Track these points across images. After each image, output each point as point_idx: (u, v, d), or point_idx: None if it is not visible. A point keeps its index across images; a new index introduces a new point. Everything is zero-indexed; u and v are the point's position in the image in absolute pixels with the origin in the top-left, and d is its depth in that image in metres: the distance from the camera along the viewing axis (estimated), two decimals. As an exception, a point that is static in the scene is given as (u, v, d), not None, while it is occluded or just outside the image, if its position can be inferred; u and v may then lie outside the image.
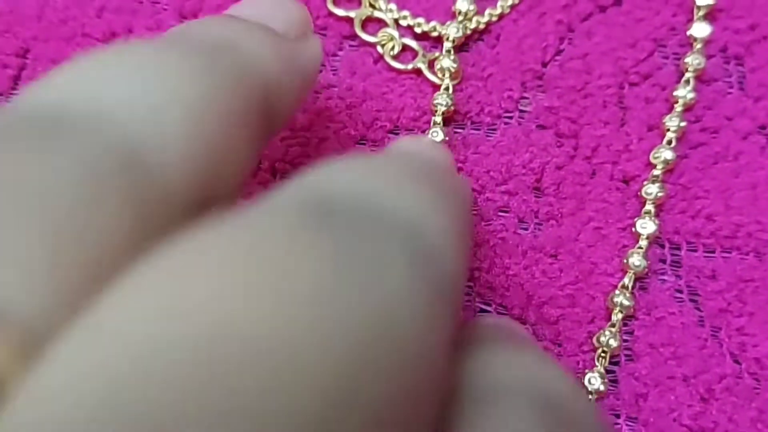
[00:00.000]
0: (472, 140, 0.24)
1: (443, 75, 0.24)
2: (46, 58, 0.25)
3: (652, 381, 0.22)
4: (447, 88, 0.24)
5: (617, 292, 0.22)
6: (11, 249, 0.07)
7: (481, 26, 0.25)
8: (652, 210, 0.23)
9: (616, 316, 0.22)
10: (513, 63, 0.25)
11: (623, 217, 0.23)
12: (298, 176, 0.10)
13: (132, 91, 0.10)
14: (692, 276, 0.23)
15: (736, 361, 0.22)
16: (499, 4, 0.26)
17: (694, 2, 0.26)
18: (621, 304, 0.22)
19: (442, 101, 0.24)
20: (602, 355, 0.22)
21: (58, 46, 0.25)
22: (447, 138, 0.24)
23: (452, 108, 0.24)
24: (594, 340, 0.22)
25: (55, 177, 0.08)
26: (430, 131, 0.24)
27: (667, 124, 0.24)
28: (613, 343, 0.22)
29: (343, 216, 0.09)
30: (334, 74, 0.25)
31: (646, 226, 0.23)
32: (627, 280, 0.22)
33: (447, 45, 0.25)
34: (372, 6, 0.26)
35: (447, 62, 0.24)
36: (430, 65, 0.25)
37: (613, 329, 0.22)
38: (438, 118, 0.24)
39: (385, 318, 0.08)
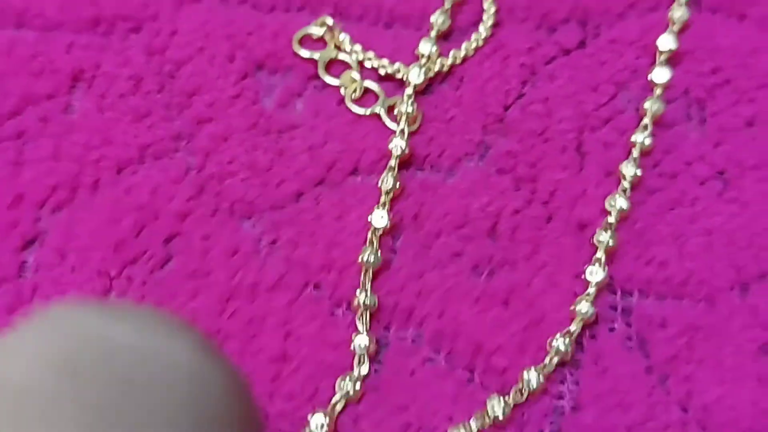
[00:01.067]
0: (431, 183, 0.24)
1: (400, 120, 0.25)
2: (14, 94, 0.25)
3: (597, 431, 0.22)
4: (402, 132, 0.24)
5: (557, 336, 0.22)
6: None
7: (445, 68, 0.26)
8: (603, 258, 0.23)
9: (550, 359, 0.22)
10: (475, 105, 0.25)
11: (577, 263, 0.24)
12: None
13: None
14: (643, 323, 0.23)
15: (683, 409, 0.22)
16: (463, 46, 0.26)
17: (656, 47, 0.26)
18: (556, 349, 0.22)
19: (397, 145, 0.24)
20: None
21: (27, 81, 0.25)
22: (399, 183, 0.24)
23: (407, 152, 0.24)
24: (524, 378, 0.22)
25: None
26: (382, 177, 0.24)
27: (622, 171, 0.24)
28: (534, 384, 0.22)
29: None
30: (297, 115, 0.25)
31: (595, 274, 0.23)
32: (573, 327, 0.22)
33: (408, 90, 0.25)
34: (337, 47, 0.26)
35: (404, 107, 0.25)
36: (390, 110, 0.25)
37: (544, 371, 0.22)
38: (393, 162, 0.24)
39: None
